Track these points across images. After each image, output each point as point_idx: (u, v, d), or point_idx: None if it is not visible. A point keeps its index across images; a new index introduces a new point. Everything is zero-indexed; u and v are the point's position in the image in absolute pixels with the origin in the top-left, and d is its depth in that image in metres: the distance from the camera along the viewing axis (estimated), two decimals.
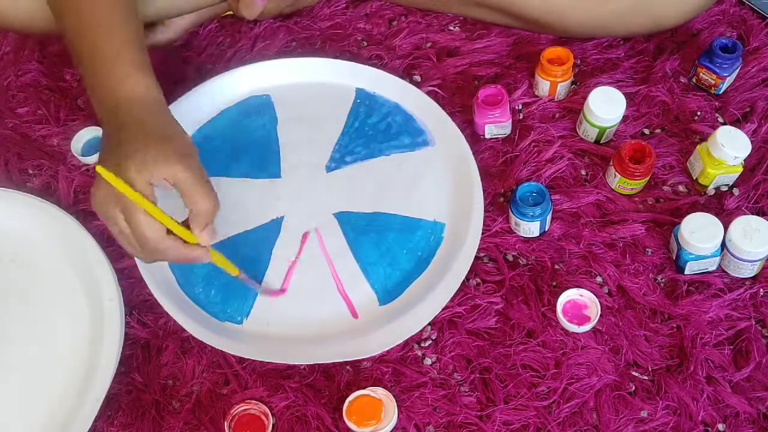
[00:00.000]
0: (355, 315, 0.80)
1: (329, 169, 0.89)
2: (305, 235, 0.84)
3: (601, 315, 0.77)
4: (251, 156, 0.90)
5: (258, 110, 0.93)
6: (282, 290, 0.82)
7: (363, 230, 0.84)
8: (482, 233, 0.83)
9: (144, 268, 0.81)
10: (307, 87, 0.94)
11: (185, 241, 0.69)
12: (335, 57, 0.96)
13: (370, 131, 0.91)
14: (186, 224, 0.69)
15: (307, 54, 0.97)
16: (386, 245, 0.83)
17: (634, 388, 0.75)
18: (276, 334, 0.80)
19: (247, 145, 0.91)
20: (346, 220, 0.85)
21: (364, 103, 0.93)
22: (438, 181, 0.87)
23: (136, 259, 0.80)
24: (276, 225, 0.85)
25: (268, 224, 0.85)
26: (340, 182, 0.88)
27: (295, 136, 0.91)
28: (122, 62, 0.73)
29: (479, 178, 0.84)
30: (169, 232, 0.68)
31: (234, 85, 0.94)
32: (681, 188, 0.85)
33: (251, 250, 0.84)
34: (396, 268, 0.82)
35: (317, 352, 0.77)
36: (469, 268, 0.80)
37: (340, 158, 0.89)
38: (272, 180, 0.88)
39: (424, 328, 0.79)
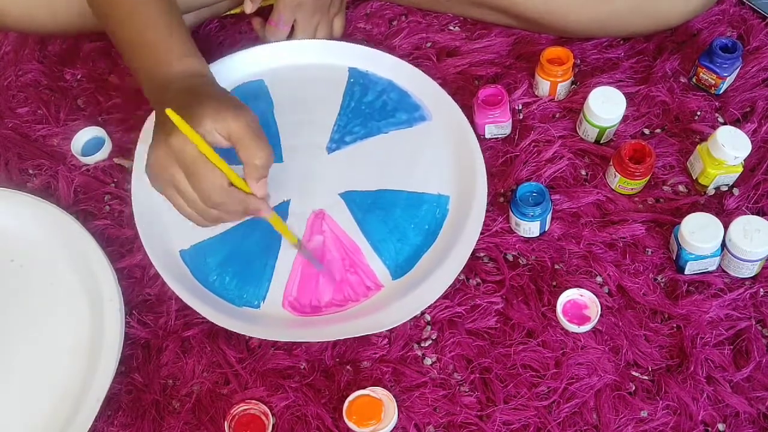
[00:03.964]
0: (378, 287, 0.82)
1: (330, 150, 0.89)
2: (313, 216, 0.85)
3: (601, 315, 0.77)
4: None
5: (253, 96, 0.93)
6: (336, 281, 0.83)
7: (369, 208, 0.85)
8: (482, 233, 0.83)
9: (157, 261, 0.81)
10: (300, 69, 0.95)
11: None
12: None
13: (367, 110, 0.92)
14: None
15: None
16: (393, 221, 0.84)
17: (634, 388, 0.75)
18: (293, 315, 0.81)
19: None
20: (352, 199, 0.86)
21: (358, 82, 0.94)
22: (438, 154, 0.88)
23: (147, 250, 0.81)
24: (282, 209, 0.86)
25: (275, 208, 0.85)
26: (342, 162, 0.88)
27: (293, 120, 0.92)
28: (168, 43, 0.75)
29: (479, 147, 0.86)
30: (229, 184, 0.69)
31: (227, 72, 0.94)
32: (681, 188, 0.85)
33: (261, 236, 0.84)
34: (405, 243, 0.83)
35: (339, 329, 0.78)
36: (478, 237, 0.81)
37: (339, 138, 0.90)
38: (274, 165, 0.88)
39: (424, 327, 0.79)
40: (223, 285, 0.83)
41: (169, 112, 0.66)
